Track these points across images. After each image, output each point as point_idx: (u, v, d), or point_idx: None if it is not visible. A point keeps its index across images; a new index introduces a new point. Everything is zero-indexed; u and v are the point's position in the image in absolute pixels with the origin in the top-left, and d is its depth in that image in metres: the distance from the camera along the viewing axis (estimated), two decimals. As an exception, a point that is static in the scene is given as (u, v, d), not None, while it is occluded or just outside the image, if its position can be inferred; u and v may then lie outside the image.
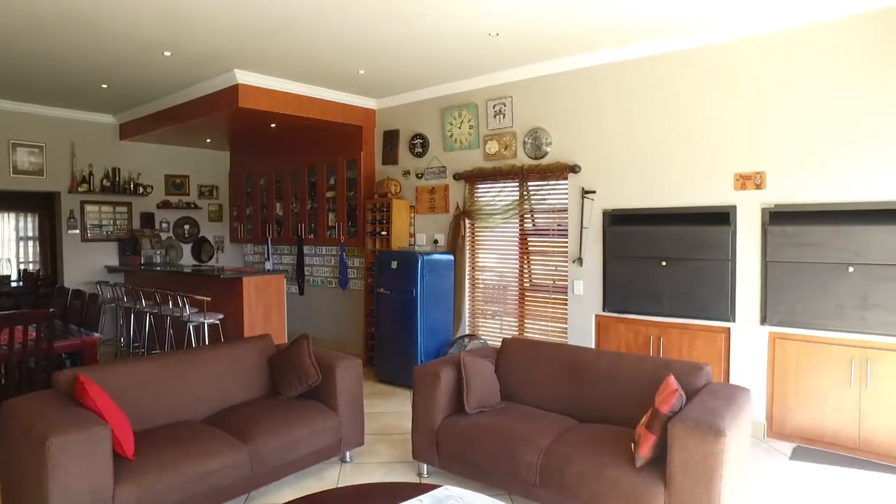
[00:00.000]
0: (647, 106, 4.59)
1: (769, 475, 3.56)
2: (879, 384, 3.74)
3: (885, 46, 3.67)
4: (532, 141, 5.21)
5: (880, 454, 3.75)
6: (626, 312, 4.70)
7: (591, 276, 4.88)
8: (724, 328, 4.28)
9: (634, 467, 2.72)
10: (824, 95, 3.88)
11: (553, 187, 5.15)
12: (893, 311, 3.66)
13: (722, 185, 4.26)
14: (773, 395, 4.13)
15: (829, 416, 3.92)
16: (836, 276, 3.82)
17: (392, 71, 5.41)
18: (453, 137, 5.83)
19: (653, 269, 4.49)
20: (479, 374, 3.48)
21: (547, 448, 2.99)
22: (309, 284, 7.42)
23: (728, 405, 2.79)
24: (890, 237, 3.65)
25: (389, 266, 5.54)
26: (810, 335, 3.97)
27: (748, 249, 4.17)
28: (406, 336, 5.42)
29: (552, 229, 5.21)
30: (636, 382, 3.25)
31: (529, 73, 5.20)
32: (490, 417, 3.35)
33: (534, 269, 5.41)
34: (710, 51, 4.29)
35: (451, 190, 5.88)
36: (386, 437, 4.22)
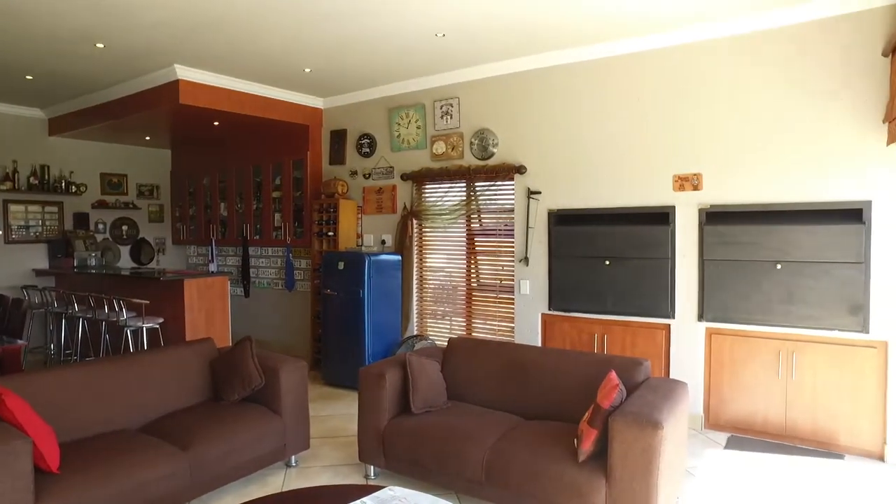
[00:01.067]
0: (591, 108, 4.70)
1: (706, 464, 3.71)
2: (803, 374, 3.96)
3: (808, 58, 3.90)
4: (479, 142, 5.26)
5: (804, 439, 3.97)
6: (571, 311, 4.80)
7: (537, 276, 4.96)
8: (664, 325, 4.44)
9: (577, 462, 2.78)
10: (756, 102, 4.08)
11: (499, 188, 5.21)
12: (815, 306, 3.88)
13: (662, 186, 4.42)
14: (709, 387, 4.31)
15: (760, 405, 4.12)
16: (766, 274, 4.02)
17: (339, 70, 5.36)
18: (401, 138, 5.82)
19: (597, 268, 4.61)
20: (424, 374, 3.49)
21: (492, 446, 3.02)
22: (254, 286, 7.25)
23: (666, 399, 2.90)
24: (812, 237, 3.87)
25: (336, 267, 5.48)
26: (743, 330, 4.16)
27: (686, 248, 4.34)
28: (353, 338, 5.37)
29: (499, 229, 5.27)
30: (579, 379, 3.33)
31: (476, 75, 5.24)
32: (436, 417, 3.36)
33: (481, 269, 5.46)
34: (651, 56, 4.43)
35: (399, 190, 5.87)
36: (332, 440, 4.17)
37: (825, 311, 3.86)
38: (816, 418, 3.94)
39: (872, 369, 3.77)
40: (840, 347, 3.86)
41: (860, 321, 3.77)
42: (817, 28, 3.86)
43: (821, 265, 3.86)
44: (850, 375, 3.82)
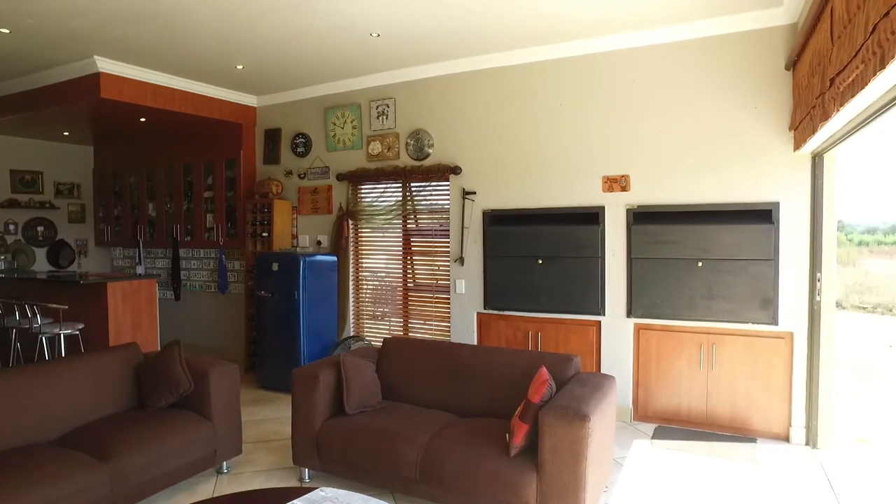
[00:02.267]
0: (525, 110, 4.82)
1: (634, 454, 3.88)
2: (722, 365, 4.20)
3: (725, 68, 4.14)
4: (414, 142, 5.28)
5: (723, 426, 4.22)
6: (505, 309, 4.90)
7: (473, 275, 5.04)
8: (595, 321, 4.60)
9: (509, 456, 2.84)
10: (678, 108, 4.30)
11: (435, 188, 5.26)
12: (732, 300, 4.13)
13: (592, 186, 4.58)
14: (638, 381, 4.50)
15: (684, 396, 4.35)
16: (689, 271, 4.24)
17: (272, 68, 5.25)
18: (336, 137, 5.77)
19: (530, 268, 4.73)
20: (359, 374, 3.48)
21: (427, 444, 3.05)
22: (186, 289, 7.00)
23: (594, 392, 3.01)
24: (729, 236, 4.11)
25: (270, 268, 5.36)
26: (668, 325, 4.37)
27: (615, 247, 4.52)
28: (288, 340, 5.27)
29: (435, 229, 5.32)
30: (512, 376, 3.40)
31: (412, 76, 5.27)
32: (371, 417, 3.36)
33: (417, 269, 5.49)
34: (581, 61, 4.59)
35: (335, 190, 5.81)
36: (266, 443, 4.09)
37: (741, 305, 4.11)
38: (734, 406, 4.19)
39: (781, 359, 4.05)
40: (754, 339, 4.12)
41: (771, 314, 4.04)
42: (731, 41, 4.11)
43: (737, 262, 4.11)
44: (763, 365, 4.09)
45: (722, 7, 3.92)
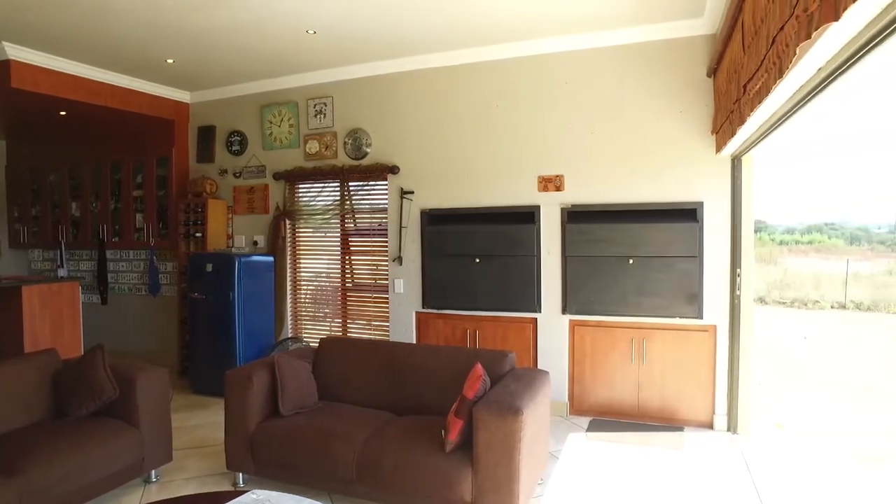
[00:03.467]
0: (463, 111, 4.87)
1: (569, 447, 3.98)
2: (652, 359, 4.38)
3: (653, 74, 4.32)
4: (352, 141, 5.25)
5: (653, 417, 4.40)
6: (444, 308, 4.93)
7: (411, 275, 5.05)
8: (531, 318, 4.70)
9: (445, 452, 2.87)
10: (609, 110, 4.45)
11: (373, 187, 5.24)
12: (661, 296, 4.31)
13: (527, 186, 4.68)
14: (573, 376, 4.62)
15: (617, 389, 4.50)
16: (621, 268, 4.40)
17: (205, 63, 5.09)
18: (273, 136, 5.65)
19: (468, 266, 4.78)
20: (294, 375, 3.42)
21: (363, 443, 3.04)
22: (113, 292, 6.68)
23: (527, 387, 3.07)
24: (657, 234, 4.29)
25: (204, 269, 5.20)
26: (602, 321, 4.51)
27: (551, 245, 4.63)
28: (224, 343, 5.13)
29: (373, 229, 5.30)
30: (449, 373, 3.42)
31: (350, 74, 5.23)
32: (306, 418, 3.31)
33: (356, 269, 5.45)
34: (517, 63, 4.67)
35: (271, 190, 5.69)
36: (199, 450, 3.96)
37: (669, 300, 4.30)
38: (663, 397, 4.38)
39: (705, 351, 4.26)
40: (681, 333, 4.32)
41: (696, 309, 4.25)
42: (658, 48, 4.29)
43: (665, 259, 4.29)
44: (689, 357, 4.29)
45: (648, 16, 4.09)
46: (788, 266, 21.77)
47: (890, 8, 1.53)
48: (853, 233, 40.88)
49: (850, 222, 41.03)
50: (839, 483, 3.68)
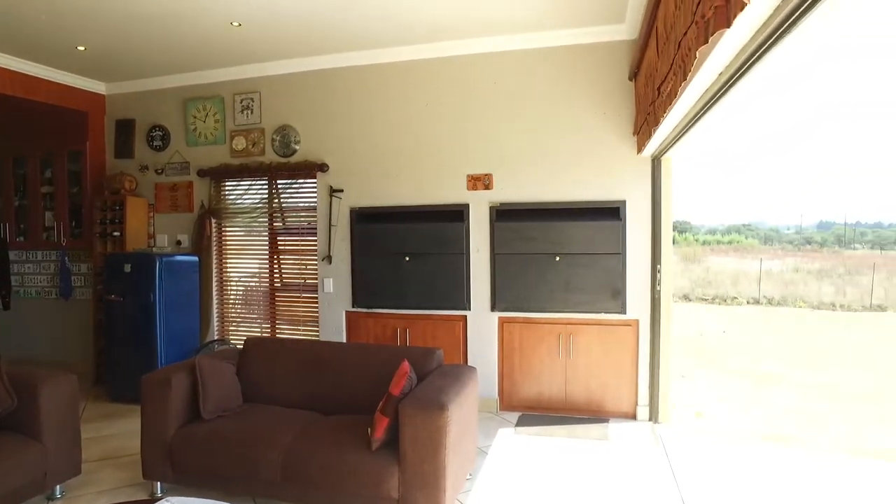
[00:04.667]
0: (392, 109, 4.85)
1: (498, 442, 4.03)
2: (578, 353, 4.51)
3: (578, 76, 4.45)
4: (281, 138, 5.12)
5: (580, 410, 4.53)
6: (374, 307, 4.90)
7: (341, 274, 4.98)
8: (461, 316, 4.73)
9: (372, 451, 2.84)
10: (537, 111, 4.55)
11: (302, 185, 5.14)
12: (586, 292, 4.44)
13: (457, 185, 4.71)
14: (503, 372, 4.69)
15: (545, 384, 4.60)
16: (548, 265, 4.50)
17: (122, 52, 4.83)
18: (197, 131, 5.43)
19: (398, 265, 4.76)
20: (217, 377, 3.31)
21: (288, 445, 2.97)
22: (18, 296, 6.22)
23: (454, 383, 3.09)
24: (583, 231, 4.42)
25: (122, 270, 4.93)
26: (530, 317, 4.60)
27: (480, 243, 4.68)
28: (143, 347, 4.88)
29: (302, 228, 5.19)
30: (376, 371, 3.40)
31: (278, 69, 5.10)
32: (230, 421, 3.20)
33: (285, 268, 5.33)
34: (447, 62, 4.70)
35: (196, 187, 5.47)
36: (115, 460, 3.75)
37: (595, 296, 4.44)
38: (589, 390, 4.51)
39: (628, 344, 4.43)
40: (606, 328, 4.46)
41: (620, 304, 4.41)
42: (583, 51, 4.42)
43: (590, 256, 4.42)
44: (614, 351, 4.45)
45: (572, 20, 4.21)
46: (711, 265, 23.04)
47: (773, 17, 1.64)
48: (766, 233, 43.80)
49: (763, 224, 43.57)
50: (749, 462, 3.91)
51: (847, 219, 52.28)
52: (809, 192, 38.26)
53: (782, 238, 40.98)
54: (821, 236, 38.55)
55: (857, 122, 51.21)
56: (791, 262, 24.08)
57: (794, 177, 53.44)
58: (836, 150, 47.14)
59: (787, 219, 48.42)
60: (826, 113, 38.30)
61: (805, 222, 54.27)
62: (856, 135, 53.79)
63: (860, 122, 40.32)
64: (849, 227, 46.75)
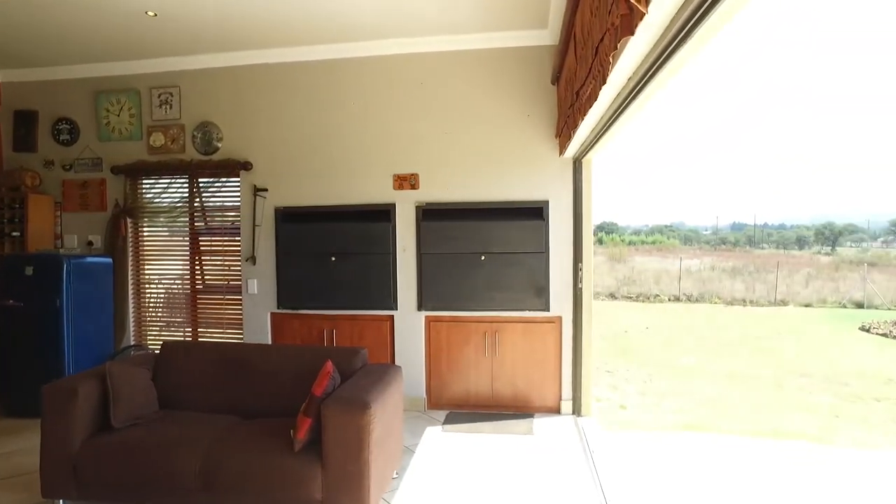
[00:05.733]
0: (319, 108, 4.78)
1: (426, 441, 4.05)
2: (504, 351, 4.60)
3: (504, 79, 4.54)
4: (202, 136, 4.93)
5: (507, 406, 4.62)
6: (300, 308, 4.80)
7: (265, 275, 4.86)
8: (388, 316, 4.72)
9: (294, 452, 2.79)
10: (463, 111, 4.61)
11: (225, 184, 4.97)
12: (511, 291, 4.54)
13: (383, 184, 4.70)
14: (430, 371, 4.71)
15: (472, 382, 4.66)
16: (474, 265, 4.56)
17: (19, 38, 4.50)
18: (110, 126, 5.15)
19: (324, 265, 4.70)
20: (129, 383, 3.14)
21: (208, 451, 2.86)
22: None
23: (377, 382, 3.08)
24: (508, 231, 4.51)
25: (23, 273, 4.58)
26: (456, 315, 4.65)
27: (406, 243, 4.68)
28: (49, 356, 4.55)
29: (225, 228, 5.02)
30: (300, 373, 3.33)
31: (199, 64, 4.91)
32: (144, 429, 3.05)
33: (207, 269, 5.13)
34: (374, 61, 4.68)
35: (109, 185, 5.18)
36: (11, 480, 3.48)
37: (519, 294, 4.54)
38: (515, 387, 4.61)
39: (552, 341, 4.55)
40: (530, 325, 4.57)
41: (544, 301, 4.53)
42: (508, 55, 4.52)
43: (515, 255, 4.52)
44: (538, 348, 4.56)
45: (498, 24, 4.29)
46: (635, 264, 24.11)
47: (670, 27, 1.74)
48: (686, 234, 46.27)
49: (683, 225, 46.01)
50: (664, 450, 4.12)
51: (756, 220, 56.25)
52: (724, 195, 40.70)
53: (700, 238, 43.69)
54: (734, 237, 41.35)
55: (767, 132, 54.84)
56: (708, 261, 25.57)
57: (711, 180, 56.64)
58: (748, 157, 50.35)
59: (704, 220, 51.69)
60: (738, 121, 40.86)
61: (720, 223, 57.94)
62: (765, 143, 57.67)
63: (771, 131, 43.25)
64: (758, 228, 50.49)
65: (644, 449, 4.18)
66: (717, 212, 58.71)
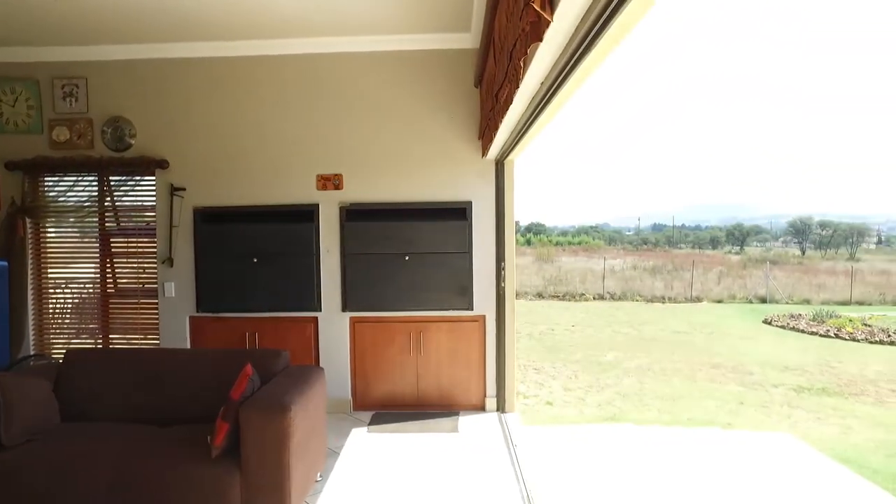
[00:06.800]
0: (240, 105, 4.64)
1: (351, 442, 4.02)
2: (429, 350, 4.63)
3: (430, 80, 4.57)
4: (113, 131, 4.67)
5: (432, 405, 4.66)
6: (221, 311, 4.65)
7: (184, 277, 4.66)
8: (312, 317, 4.65)
9: (212, 459, 2.71)
10: (389, 112, 4.60)
11: (139, 183, 4.73)
12: (435, 290, 4.58)
13: (306, 184, 4.63)
14: (356, 372, 4.68)
15: (398, 382, 4.67)
16: (398, 265, 4.57)
17: None
18: (4, 117, 4.77)
19: (246, 267, 4.57)
20: (26, 396, 2.94)
21: (118, 463, 2.72)
22: None
23: (299, 384, 3.04)
24: (432, 231, 4.55)
25: None
26: (381, 316, 4.64)
27: (330, 244, 4.63)
28: (-64, 367, 4.19)
29: (139, 228, 4.78)
30: (219, 377, 3.24)
31: (109, 55, 4.65)
32: (43, 445, 2.86)
33: (120, 272, 4.86)
34: (298, 59, 4.59)
35: (4, 181, 4.80)
36: None
37: (444, 294, 4.58)
38: (441, 385, 4.65)
39: (476, 339, 4.64)
40: (455, 324, 4.63)
41: (467, 300, 4.60)
42: (433, 57, 4.56)
43: (439, 255, 4.57)
44: (463, 346, 4.63)
45: (423, 26, 4.32)
46: (562, 264, 24.90)
47: (576, 35, 1.83)
48: (611, 235, 48.36)
49: (608, 226, 48.33)
50: (585, 442, 4.29)
51: (675, 221, 59.46)
52: (646, 197, 42.84)
53: (624, 239, 45.81)
54: (654, 237, 43.66)
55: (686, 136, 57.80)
56: (630, 261, 26.79)
57: (634, 183, 58.98)
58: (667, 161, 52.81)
59: (627, 221, 54.23)
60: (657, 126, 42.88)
61: (642, 224, 60.75)
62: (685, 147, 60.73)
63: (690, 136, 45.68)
64: (676, 229, 53.36)
65: (565, 442, 4.33)
66: (638, 213, 61.70)
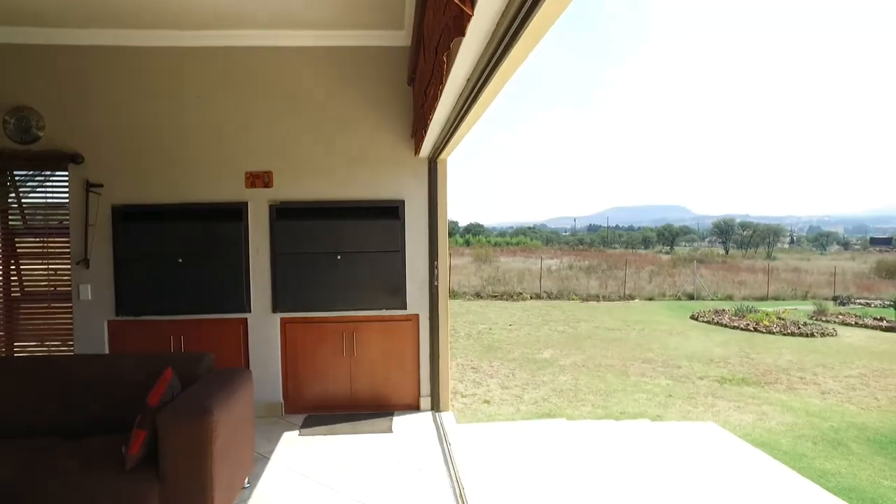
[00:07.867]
0: (164, 97, 4.42)
1: (282, 446, 3.91)
2: (362, 350, 4.57)
3: (363, 77, 4.51)
4: (16, 122, 4.34)
5: (366, 406, 4.60)
6: (143, 314, 4.41)
7: (101, 279, 4.40)
8: (241, 319, 4.50)
9: (126, 470, 2.56)
10: (321, 110, 4.50)
11: (49, 178, 4.43)
12: (368, 290, 4.52)
13: (235, 182, 4.47)
14: (287, 374, 4.56)
15: (331, 384, 4.58)
16: (329, 264, 4.49)
17: None
18: None
19: (170, 267, 4.36)
20: (-87, 408, 2.68)
21: (17, 481, 2.52)
22: None
23: (222, 387, 2.91)
24: (364, 230, 4.50)
25: None
26: (313, 316, 4.54)
27: (260, 243, 4.49)
28: None
29: (50, 227, 4.47)
30: (136, 383, 3.07)
31: (10, 37, 4.29)
32: (-69, 461, 2.62)
33: (27, 275, 4.53)
34: (226, 52, 4.42)
35: None
36: None
37: (376, 293, 4.53)
38: (375, 386, 4.60)
39: (410, 338, 4.61)
40: (388, 323, 4.59)
41: (400, 300, 4.57)
42: (366, 53, 4.50)
43: (371, 255, 4.51)
44: (396, 346, 4.60)
45: (356, 22, 4.25)
46: (500, 264, 25.25)
47: (497, 29, 1.84)
48: (548, 235, 49.50)
49: (545, 226, 49.73)
50: (518, 438, 4.34)
51: (609, 222, 61.37)
52: (582, 198, 44.25)
53: (560, 239, 46.96)
54: (590, 238, 45.05)
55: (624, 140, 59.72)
56: (567, 261, 27.49)
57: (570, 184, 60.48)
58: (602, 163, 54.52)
59: (564, 222, 55.84)
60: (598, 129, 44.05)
61: (578, 225, 62.28)
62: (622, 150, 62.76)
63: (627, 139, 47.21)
64: (610, 229, 55.20)
65: (499, 438, 4.37)
66: (574, 214, 63.40)
